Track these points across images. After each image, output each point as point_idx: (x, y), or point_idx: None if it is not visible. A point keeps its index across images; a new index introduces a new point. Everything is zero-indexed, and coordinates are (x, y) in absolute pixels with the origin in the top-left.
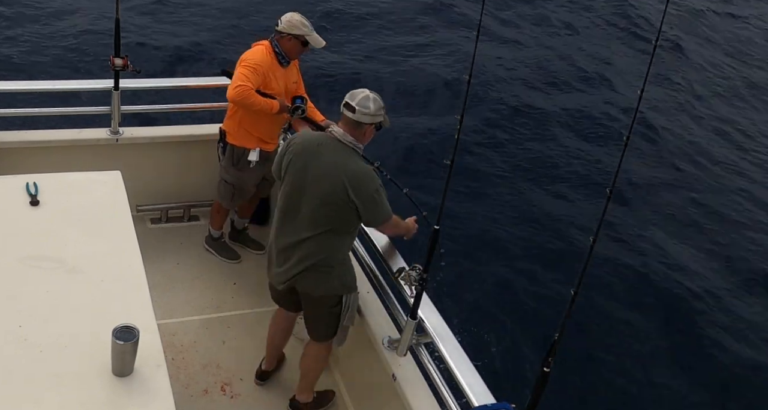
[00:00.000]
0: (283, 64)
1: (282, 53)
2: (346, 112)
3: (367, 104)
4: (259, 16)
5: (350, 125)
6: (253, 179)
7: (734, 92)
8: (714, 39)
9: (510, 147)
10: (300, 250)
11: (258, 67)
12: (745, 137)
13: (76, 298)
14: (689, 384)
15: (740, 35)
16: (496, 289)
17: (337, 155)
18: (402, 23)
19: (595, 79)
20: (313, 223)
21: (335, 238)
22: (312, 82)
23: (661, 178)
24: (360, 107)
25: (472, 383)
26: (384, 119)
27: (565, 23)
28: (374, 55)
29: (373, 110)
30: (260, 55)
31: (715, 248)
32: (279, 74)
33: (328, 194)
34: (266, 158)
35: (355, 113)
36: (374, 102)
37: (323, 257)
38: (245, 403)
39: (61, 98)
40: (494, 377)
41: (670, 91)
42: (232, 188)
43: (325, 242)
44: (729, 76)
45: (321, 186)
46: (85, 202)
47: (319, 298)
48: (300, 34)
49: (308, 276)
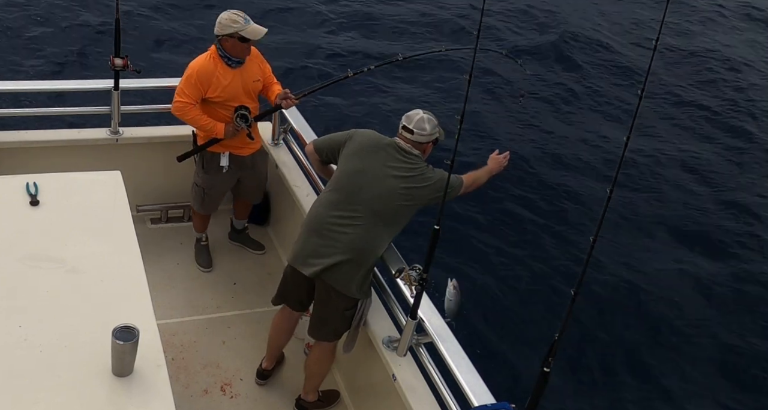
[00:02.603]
0: (232, 65)
1: (227, 55)
2: (405, 134)
3: (423, 125)
4: (259, 17)
5: (411, 143)
6: (224, 184)
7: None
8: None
9: (510, 144)
10: (345, 231)
11: (191, 77)
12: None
13: (76, 298)
14: (690, 384)
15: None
16: (497, 289)
17: (409, 160)
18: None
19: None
20: (368, 210)
21: (381, 230)
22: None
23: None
24: (418, 129)
25: (472, 383)
26: (440, 133)
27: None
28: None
29: (429, 131)
30: (198, 63)
31: (715, 246)
32: (229, 76)
33: (391, 196)
34: (241, 164)
35: (414, 135)
36: (429, 122)
37: (366, 249)
38: (245, 403)
39: (61, 98)
40: (494, 377)
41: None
42: (202, 192)
43: (371, 233)
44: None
45: (387, 185)
46: (85, 202)
47: (337, 296)
48: (233, 32)
49: (343, 268)
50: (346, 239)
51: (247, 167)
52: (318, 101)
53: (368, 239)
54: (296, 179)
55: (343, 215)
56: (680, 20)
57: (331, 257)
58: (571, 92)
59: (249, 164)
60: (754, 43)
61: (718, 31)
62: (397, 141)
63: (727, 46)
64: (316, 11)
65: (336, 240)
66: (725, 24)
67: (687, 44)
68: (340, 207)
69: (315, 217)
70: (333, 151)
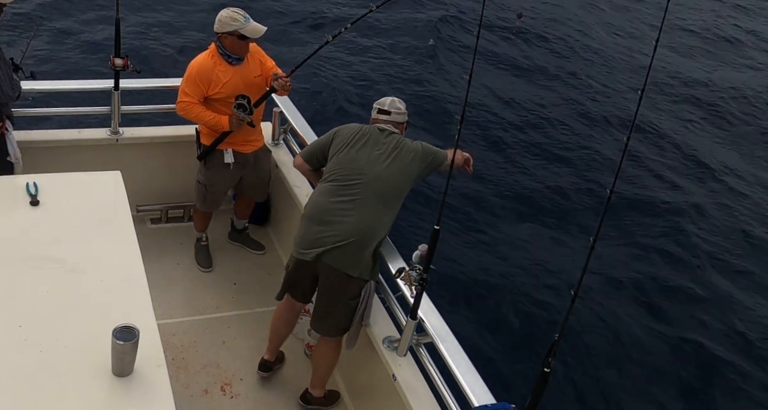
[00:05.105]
0: (232, 62)
1: (227, 53)
2: (381, 116)
3: (397, 105)
4: (260, 16)
5: (391, 124)
6: (226, 182)
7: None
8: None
9: (510, 139)
10: (347, 214)
11: (191, 76)
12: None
13: (76, 298)
14: (690, 383)
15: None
16: (497, 289)
17: (393, 138)
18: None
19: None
20: (369, 193)
21: (384, 211)
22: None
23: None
24: (393, 109)
25: (472, 383)
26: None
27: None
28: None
29: (403, 109)
30: (198, 61)
31: (715, 244)
32: (229, 73)
33: (386, 175)
34: (244, 161)
35: (391, 116)
36: (401, 103)
37: (369, 231)
38: (245, 403)
39: (61, 98)
40: (494, 377)
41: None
42: (204, 189)
43: (373, 215)
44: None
45: (381, 164)
46: (85, 202)
47: (342, 282)
48: (232, 30)
49: (347, 250)
50: (348, 224)
51: (249, 164)
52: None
53: (370, 221)
54: (296, 179)
55: (343, 200)
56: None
57: (334, 242)
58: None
59: (251, 162)
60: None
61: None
62: (377, 125)
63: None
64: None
65: (339, 225)
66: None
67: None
68: (340, 193)
69: (315, 206)
70: (322, 153)
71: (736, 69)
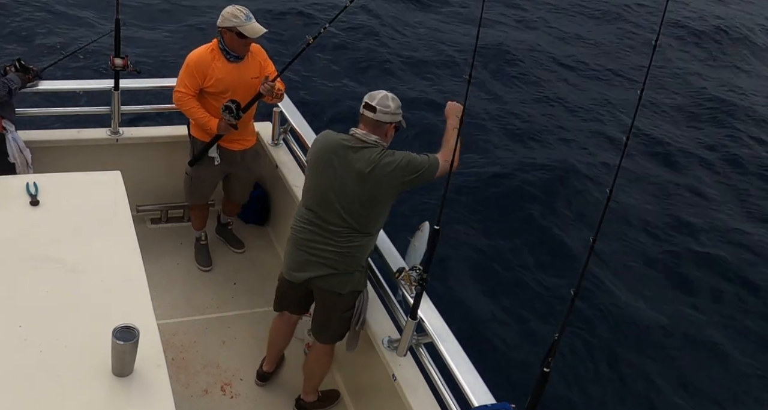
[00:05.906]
0: (230, 59)
1: (227, 49)
2: (366, 112)
3: (386, 102)
4: (261, 16)
5: (371, 125)
6: (211, 176)
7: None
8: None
9: (511, 135)
10: (326, 249)
11: (188, 67)
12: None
13: (76, 298)
14: (690, 383)
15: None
16: (496, 288)
17: (364, 154)
18: None
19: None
20: (343, 222)
21: (363, 239)
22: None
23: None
24: (381, 106)
25: (472, 383)
26: (402, 122)
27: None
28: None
29: (392, 109)
30: (196, 53)
31: (716, 241)
32: (226, 69)
33: (362, 194)
34: (231, 159)
35: (375, 113)
36: (393, 101)
37: (349, 258)
38: (245, 403)
39: (61, 98)
40: (494, 377)
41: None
42: (189, 180)
43: (353, 243)
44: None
45: (352, 187)
46: (85, 202)
47: (334, 300)
48: (232, 26)
49: (335, 278)
50: (329, 254)
51: (236, 162)
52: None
53: (352, 247)
54: (296, 179)
55: (321, 232)
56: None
57: (319, 270)
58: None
59: (238, 160)
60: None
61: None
62: (351, 132)
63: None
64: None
65: (322, 253)
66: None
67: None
68: (316, 223)
69: (298, 231)
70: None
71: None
